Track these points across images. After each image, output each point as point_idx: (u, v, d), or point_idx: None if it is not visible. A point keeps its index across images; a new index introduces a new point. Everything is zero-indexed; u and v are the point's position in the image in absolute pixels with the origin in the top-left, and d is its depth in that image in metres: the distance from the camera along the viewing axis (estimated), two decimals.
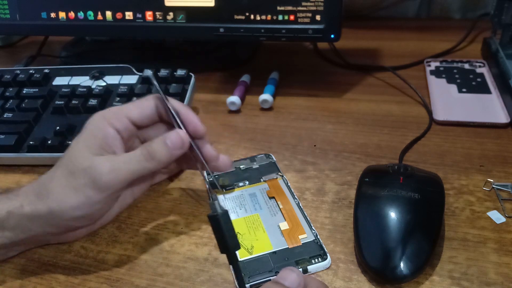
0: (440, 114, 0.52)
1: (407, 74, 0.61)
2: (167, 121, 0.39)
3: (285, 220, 0.39)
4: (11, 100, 0.52)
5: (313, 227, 0.38)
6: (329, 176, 0.45)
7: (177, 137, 0.36)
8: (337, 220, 0.40)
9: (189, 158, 0.40)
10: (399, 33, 0.77)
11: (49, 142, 0.47)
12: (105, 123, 0.37)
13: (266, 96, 0.56)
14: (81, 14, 0.59)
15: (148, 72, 0.38)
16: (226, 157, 0.40)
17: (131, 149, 0.37)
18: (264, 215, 0.40)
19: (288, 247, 0.37)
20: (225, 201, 0.42)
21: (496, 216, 0.39)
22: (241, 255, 0.36)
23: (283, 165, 0.47)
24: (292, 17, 0.54)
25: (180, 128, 0.37)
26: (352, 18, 0.75)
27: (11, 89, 0.54)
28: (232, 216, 0.40)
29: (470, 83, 0.58)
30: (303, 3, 0.53)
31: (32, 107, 0.51)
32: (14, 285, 0.36)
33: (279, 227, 0.39)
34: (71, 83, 0.55)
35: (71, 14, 0.60)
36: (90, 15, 0.59)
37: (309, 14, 0.54)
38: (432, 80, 0.59)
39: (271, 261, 0.36)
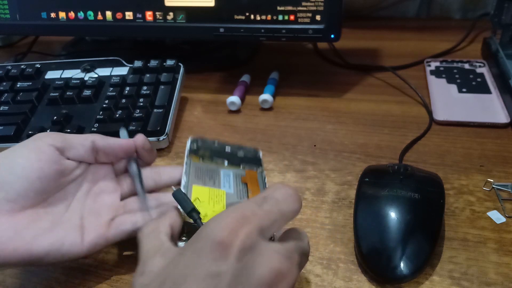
0: (440, 114, 0.52)
1: (407, 74, 0.61)
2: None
3: None
4: (6, 94, 0.53)
5: None
6: (329, 176, 0.45)
7: None
8: (337, 220, 0.40)
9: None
10: (399, 33, 0.77)
11: (48, 131, 0.48)
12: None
13: (266, 96, 0.56)
14: (81, 14, 0.60)
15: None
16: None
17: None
18: (230, 195, 0.37)
19: None
20: (198, 171, 0.39)
21: (496, 216, 0.39)
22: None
23: (283, 165, 0.47)
24: (292, 17, 0.54)
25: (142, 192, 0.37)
26: (352, 18, 0.75)
27: (4, 83, 0.55)
28: (198, 183, 0.38)
29: (470, 83, 0.58)
30: (303, 3, 0.53)
31: (27, 100, 0.52)
32: (14, 285, 0.36)
33: None
34: (63, 76, 0.56)
35: (71, 14, 0.60)
36: (90, 15, 0.59)
37: (309, 14, 0.54)
38: (432, 80, 0.59)
39: None
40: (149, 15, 0.58)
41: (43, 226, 0.32)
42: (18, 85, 0.54)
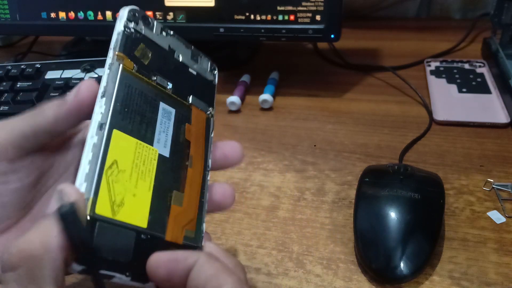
0: (440, 114, 0.52)
1: (407, 74, 0.61)
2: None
3: (184, 191, 0.25)
4: (6, 94, 0.53)
5: (203, 224, 0.26)
6: (329, 176, 0.45)
7: None
8: (337, 220, 0.40)
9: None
10: (399, 33, 0.77)
11: None
12: None
13: (266, 96, 0.56)
14: (81, 14, 0.60)
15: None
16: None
17: None
18: (164, 162, 0.25)
19: (163, 239, 0.23)
20: (127, 96, 0.25)
21: (496, 216, 0.39)
22: (101, 209, 0.21)
23: (283, 165, 0.47)
24: (292, 17, 0.54)
25: None
26: (352, 18, 0.75)
27: (4, 83, 0.55)
28: (124, 126, 0.23)
29: (470, 83, 0.58)
30: (303, 3, 0.53)
31: (28, 100, 0.52)
32: None
33: (170, 198, 0.24)
34: (63, 76, 0.56)
35: (71, 14, 0.60)
36: (90, 15, 0.59)
37: (309, 14, 0.54)
38: (432, 80, 0.59)
39: (132, 248, 0.21)
40: (149, 15, 0.58)
41: None
42: (18, 85, 0.54)
